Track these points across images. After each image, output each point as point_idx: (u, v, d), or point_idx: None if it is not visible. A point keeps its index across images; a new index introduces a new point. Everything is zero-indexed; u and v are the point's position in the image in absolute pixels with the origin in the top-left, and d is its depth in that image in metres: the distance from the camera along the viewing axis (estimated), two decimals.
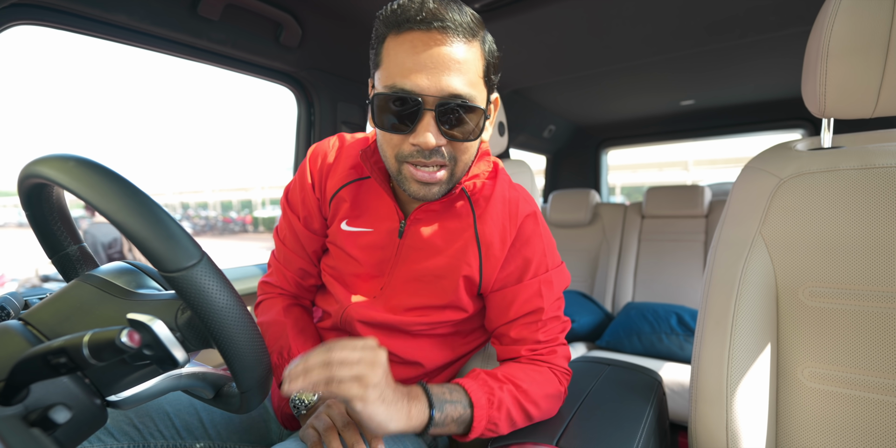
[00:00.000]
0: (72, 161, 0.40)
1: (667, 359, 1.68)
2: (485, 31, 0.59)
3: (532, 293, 0.69)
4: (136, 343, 0.34)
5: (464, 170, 0.64)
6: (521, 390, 0.64)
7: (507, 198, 0.71)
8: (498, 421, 0.61)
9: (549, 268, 0.71)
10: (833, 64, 0.62)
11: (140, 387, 0.46)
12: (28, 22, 0.84)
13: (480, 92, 0.59)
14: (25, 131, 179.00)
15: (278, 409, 0.77)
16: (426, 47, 0.54)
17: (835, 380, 0.63)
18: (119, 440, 0.65)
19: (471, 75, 0.56)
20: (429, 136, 0.56)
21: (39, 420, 0.36)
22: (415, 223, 0.70)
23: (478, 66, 0.57)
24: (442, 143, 0.58)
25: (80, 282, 0.47)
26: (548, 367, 0.69)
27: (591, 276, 2.28)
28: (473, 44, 0.56)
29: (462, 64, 0.55)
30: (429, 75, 0.54)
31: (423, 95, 0.55)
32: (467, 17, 0.56)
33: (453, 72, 0.54)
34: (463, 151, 0.61)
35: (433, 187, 0.61)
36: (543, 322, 0.69)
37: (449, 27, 0.54)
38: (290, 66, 1.29)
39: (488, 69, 0.59)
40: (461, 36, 0.55)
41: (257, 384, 0.47)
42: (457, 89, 0.55)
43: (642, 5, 1.23)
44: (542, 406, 0.65)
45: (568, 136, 2.93)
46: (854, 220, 0.63)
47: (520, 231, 0.70)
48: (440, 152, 0.59)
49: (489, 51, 0.59)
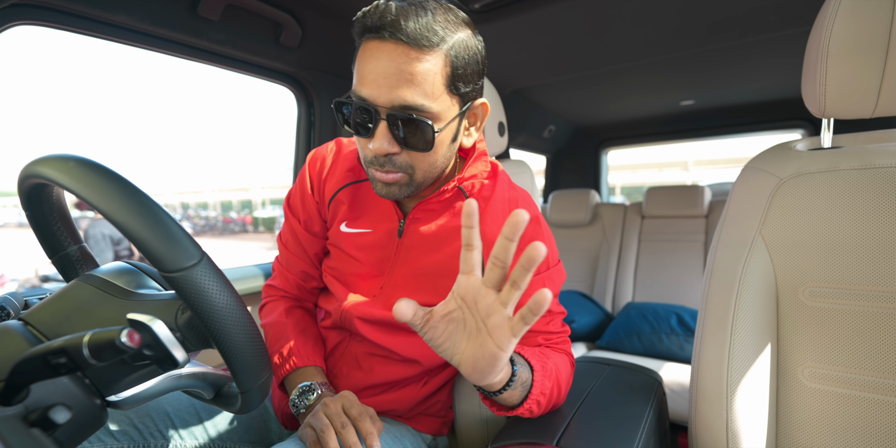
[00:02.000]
0: (72, 161, 0.40)
1: (667, 359, 1.68)
2: (458, 34, 0.56)
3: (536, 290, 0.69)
4: (136, 343, 0.34)
5: (425, 178, 0.64)
6: (557, 367, 0.65)
7: (508, 198, 0.72)
8: (546, 392, 0.61)
9: (550, 266, 0.72)
10: (833, 64, 0.62)
11: (140, 387, 0.46)
12: (28, 22, 0.84)
13: (440, 101, 0.57)
14: (26, 131, 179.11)
15: (278, 408, 0.77)
16: (378, 57, 0.54)
17: (835, 380, 0.63)
18: (119, 440, 0.65)
19: (426, 87, 0.55)
20: (381, 142, 0.57)
21: (39, 420, 0.36)
22: (413, 222, 0.70)
23: (436, 76, 0.55)
24: (395, 150, 0.58)
25: (80, 282, 0.47)
26: (565, 354, 0.71)
27: (591, 277, 2.28)
28: (432, 53, 0.54)
29: (415, 75, 0.54)
30: (380, 86, 0.54)
31: (375, 104, 0.55)
32: (429, 23, 0.53)
33: (403, 83, 0.54)
34: (421, 160, 0.60)
35: (393, 187, 0.62)
36: (552, 315, 0.71)
37: (401, 38, 0.52)
38: (290, 67, 1.29)
39: (454, 77, 0.57)
40: (416, 46, 0.53)
41: (257, 384, 0.47)
42: (406, 101, 0.54)
43: (642, 5, 1.23)
44: (565, 389, 0.67)
45: (568, 137, 2.93)
46: (854, 220, 0.63)
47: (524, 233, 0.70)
48: (392, 161, 0.59)
49: (456, 57, 0.56)
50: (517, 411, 0.60)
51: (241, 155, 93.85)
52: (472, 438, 0.86)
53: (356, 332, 0.74)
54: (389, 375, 0.74)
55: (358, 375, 0.75)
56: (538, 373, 0.59)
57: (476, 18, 1.30)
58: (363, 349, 0.75)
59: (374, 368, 0.74)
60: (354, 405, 0.60)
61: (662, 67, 1.75)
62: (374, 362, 0.75)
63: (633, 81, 1.96)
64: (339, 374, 0.76)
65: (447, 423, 0.84)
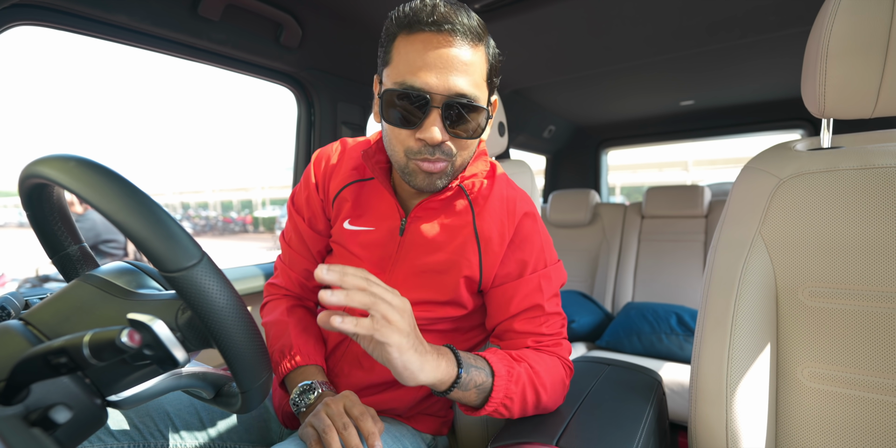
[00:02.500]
0: (72, 161, 0.40)
1: (667, 359, 1.68)
2: (489, 36, 0.63)
3: (532, 288, 0.70)
4: (137, 343, 0.34)
5: (462, 165, 0.67)
6: (535, 371, 0.64)
7: (505, 196, 0.73)
8: (514, 396, 0.61)
9: (548, 264, 0.72)
10: (832, 64, 0.62)
11: (140, 387, 0.46)
12: (29, 22, 0.84)
13: (483, 93, 0.62)
14: (26, 131, 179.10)
15: (278, 408, 0.78)
16: (436, 48, 0.57)
17: (835, 380, 0.63)
18: (119, 440, 0.66)
19: (476, 77, 0.59)
20: (435, 130, 0.59)
21: (40, 420, 0.36)
22: (415, 221, 0.71)
23: (482, 68, 0.61)
24: (446, 138, 0.61)
25: (81, 282, 0.47)
26: (556, 357, 0.70)
27: (590, 276, 2.29)
28: (479, 47, 0.60)
29: (468, 65, 0.58)
30: (437, 74, 0.57)
31: (431, 93, 0.58)
32: (474, 21, 0.59)
33: (460, 72, 0.58)
34: (464, 148, 0.64)
35: (436, 178, 0.64)
36: (546, 316, 0.70)
37: (458, 30, 0.57)
38: (290, 67, 1.29)
39: (491, 72, 0.63)
40: (469, 39, 0.58)
41: (257, 384, 0.47)
42: (462, 89, 0.58)
43: (642, 5, 1.23)
44: (550, 392, 0.66)
45: (568, 137, 2.93)
46: (854, 220, 0.63)
47: (518, 228, 0.71)
48: (442, 149, 0.62)
49: (493, 54, 0.63)
50: (483, 412, 0.61)
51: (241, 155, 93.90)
52: (472, 438, 0.86)
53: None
54: (390, 374, 0.74)
55: (359, 374, 0.75)
56: (500, 378, 0.59)
57: None
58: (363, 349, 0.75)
59: (376, 367, 0.74)
60: (356, 405, 0.60)
61: (662, 67, 1.75)
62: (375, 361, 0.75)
63: (633, 81, 1.96)
64: (341, 372, 0.76)
65: (447, 423, 0.84)
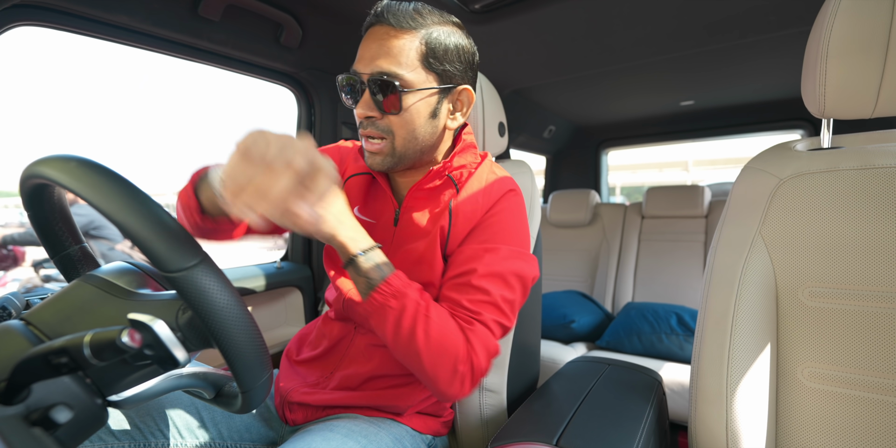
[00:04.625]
0: (73, 161, 0.40)
1: (667, 359, 1.67)
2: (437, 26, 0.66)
3: (472, 254, 0.67)
4: (137, 343, 0.34)
5: (405, 147, 0.69)
6: (428, 314, 0.60)
7: (486, 177, 0.75)
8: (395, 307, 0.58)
9: (510, 244, 0.69)
10: (833, 64, 0.62)
11: (141, 386, 0.46)
12: (29, 23, 0.84)
13: (415, 73, 0.65)
14: (26, 132, 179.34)
15: (279, 406, 0.78)
16: (368, 38, 0.66)
17: (835, 380, 0.63)
18: (120, 439, 0.66)
19: (401, 58, 0.64)
20: (362, 106, 0.66)
21: (41, 420, 0.36)
22: (407, 211, 0.75)
23: (410, 50, 0.65)
24: (374, 114, 0.66)
25: (82, 282, 0.47)
26: (459, 327, 0.63)
27: (591, 276, 2.28)
28: (410, 33, 0.65)
29: (393, 48, 0.64)
30: (364, 59, 0.65)
31: (361, 73, 0.65)
32: (409, 11, 0.65)
33: (384, 54, 0.64)
34: (399, 126, 0.67)
35: (376, 157, 0.70)
36: (472, 288, 0.65)
37: (389, 19, 0.64)
38: (290, 67, 1.29)
39: (428, 54, 0.66)
40: (397, 26, 0.64)
41: (258, 384, 0.47)
42: (382, 67, 0.64)
43: (642, 6, 1.23)
44: (433, 339, 0.59)
45: (568, 137, 2.93)
46: (854, 220, 0.63)
47: (495, 204, 0.73)
48: (374, 124, 0.67)
49: (432, 39, 0.66)
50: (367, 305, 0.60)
51: None
52: (472, 438, 0.86)
53: (359, 323, 0.75)
54: (395, 367, 0.75)
55: (365, 367, 0.76)
56: (391, 283, 0.59)
57: (476, 19, 1.30)
58: (367, 340, 0.76)
59: (380, 360, 0.75)
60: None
61: (662, 67, 1.75)
62: (379, 353, 0.75)
63: (633, 82, 1.96)
64: (345, 366, 0.77)
65: (447, 424, 0.84)
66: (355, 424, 0.70)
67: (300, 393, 0.77)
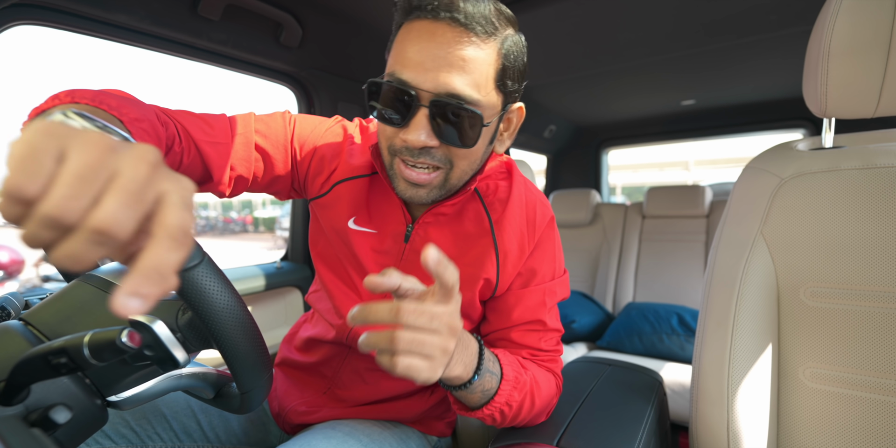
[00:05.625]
0: None
1: (668, 359, 1.67)
2: (509, 30, 0.53)
3: (536, 302, 0.66)
4: (137, 343, 0.34)
5: (462, 177, 0.59)
6: (536, 383, 0.60)
7: (525, 202, 0.67)
8: (513, 404, 0.57)
9: (555, 276, 0.68)
10: (834, 64, 0.62)
11: (140, 387, 0.46)
12: (29, 22, 0.84)
13: (489, 97, 0.52)
14: None
15: (277, 415, 0.77)
16: (431, 38, 0.49)
17: (836, 380, 0.63)
18: (117, 442, 0.65)
19: (476, 76, 0.50)
20: (418, 133, 0.51)
21: (40, 420, 0.36)
22: (423, 227, 0.65)
23: (488, 67, 0.51)
24: (433, 144, 0.53)
25: (81, 282, 0.47)
26: (551, 373, 0.67)
27: (591, 277, 2.28)
28: (487, 42, 0.50)
29: (468, 62, 0.49)
30: (427, 69, 0.49)
31: (419, 89, 0.50)
32: (487, 10, 0.50)
33: (455, 69, 0.49)
34: (461, 157, 0.55)
35: (421, 190, 0.57)
36: (546, 332, 0.67)
37: (459, 20, 0.48)
38: (290, 66, 1.29)
39: (503, 73, 0.53)
40: (472, 31, 0.49)
41: (258, 385, 0.47)
42: (456, 89, 0.49)
43: (642, 5, 1.23)
44: (541, 408, 0.62)
45: (568, 136, 2.92)
46: (855, 220, 0.63)
47: (540, 239, 0.67)
48: (430, 153, 0.54)
49: (507, 52, 0.52)
50: (477, 414, 0.57)
51: None
52: (473, 438, 0.86)
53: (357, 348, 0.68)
54: (397, 389, 0.73)
55: (364, 389, 0.73)
56: (507, 383, 0.55)
57: None
58: (365, 364, 0.72)
59: (381, 383, 0.72)
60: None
61: (663, 67, 1.75)
62: (380, 377, 0.72)
63: (634, 81, 1.96)
64: (343, 385, 0.74)
65: (450, 424, 0.84)
66: (359, 422, 0.69)
67: (298, 413, 0.74)
